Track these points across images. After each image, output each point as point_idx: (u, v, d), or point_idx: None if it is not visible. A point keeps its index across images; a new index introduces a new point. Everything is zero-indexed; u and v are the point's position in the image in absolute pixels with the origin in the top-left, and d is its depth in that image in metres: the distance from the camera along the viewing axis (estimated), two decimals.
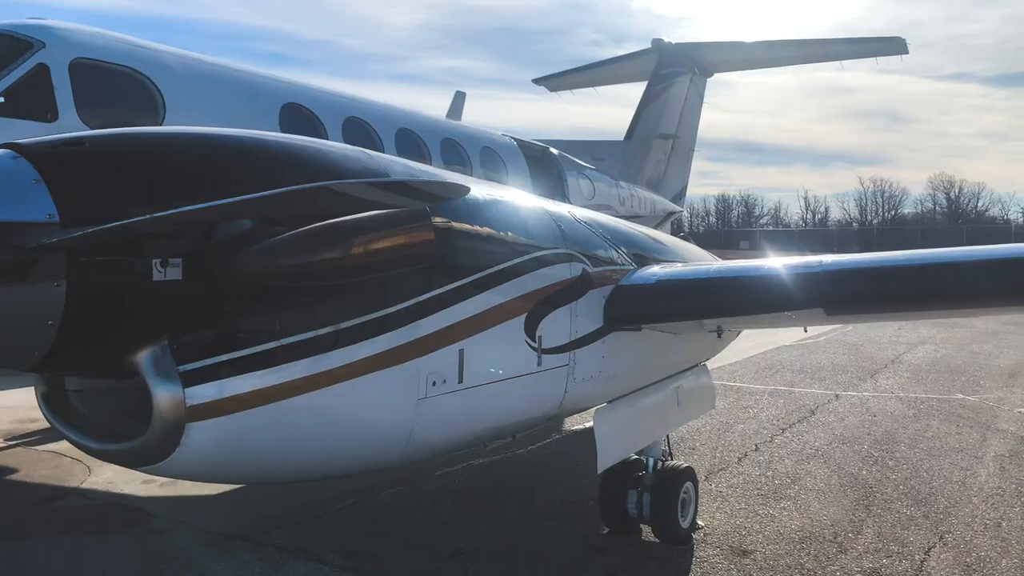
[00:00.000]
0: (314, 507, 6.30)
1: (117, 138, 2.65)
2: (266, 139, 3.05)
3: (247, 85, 6.82)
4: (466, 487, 6.98)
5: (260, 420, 2.74)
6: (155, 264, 2.44)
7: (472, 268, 3.52)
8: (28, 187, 2.27)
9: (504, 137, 10.87)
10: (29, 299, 2.24)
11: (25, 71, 5.12)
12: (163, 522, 6.14)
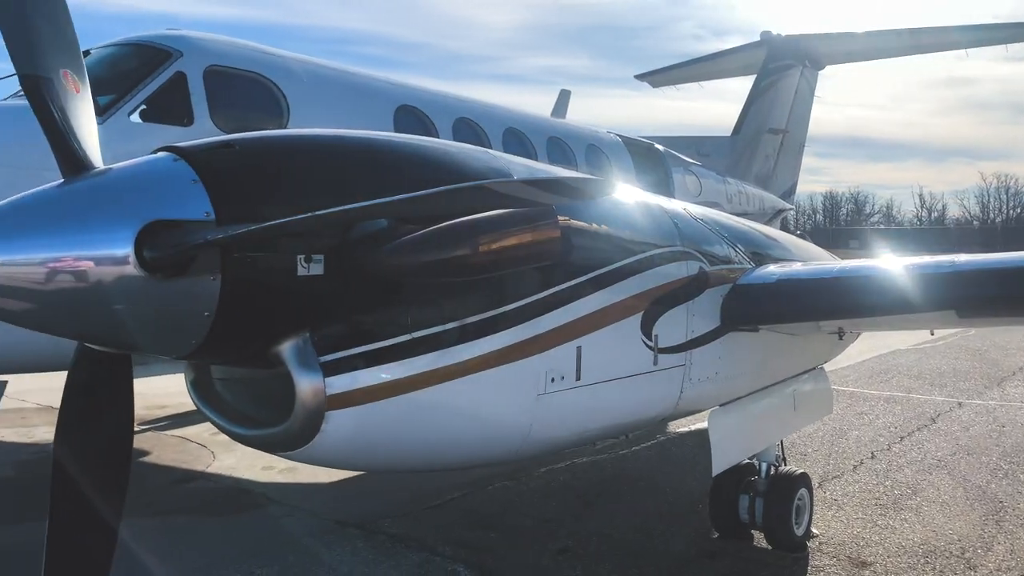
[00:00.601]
0: (424, 499, 6.46)
1: (263, 141, 2.80)
2: (397, 141, 3.15)
3: (364, 88, 7.05)
4: (571, 485, 7.00)
5: (390, 411, 2.84)
6: (299, 260, 2.57)
7: (590, 266, 3.53)
8: (187, 187, 2.43)
9: (609, 134, 10.82)
10: (188, 292, 2.40)
11: (165, 79, 5.46)
12: (281, 508, 6.43)
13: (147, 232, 2.31)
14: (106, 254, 2.27)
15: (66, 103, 2.69)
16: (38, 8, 2.83)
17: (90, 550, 2.74)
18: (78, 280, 2.26)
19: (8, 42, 2.74)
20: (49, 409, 9.89)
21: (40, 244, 2.24)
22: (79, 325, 2.40)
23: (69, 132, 2.61)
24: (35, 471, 7.52)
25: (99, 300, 2.30)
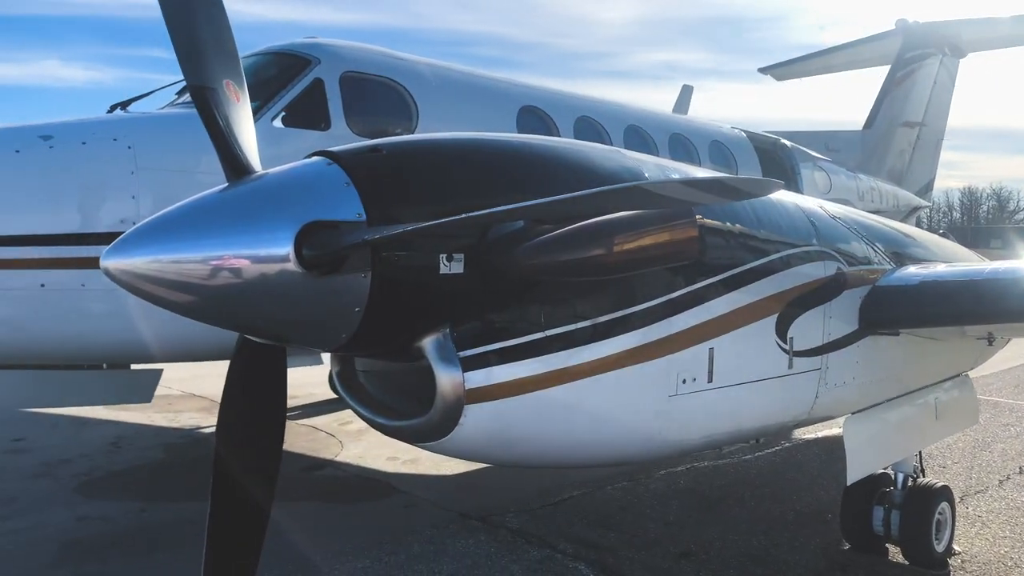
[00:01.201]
0: (544, 495, 6.52)
1: (408, 145, 2.92)
2: (533, 143, 3.21)
3: (487, 90, 7.18)
4: (692, 489, 6.89)
5: (523, 407, 2.90)
6: (442, 259, 2.66)
7: (725, 265, 3.47)
8: (341, 190, 2.57)
9: (733, 130, 10.56)
10: (340, 288, 2.53)
11: (304, 86, 5.76)
12: (406, 497, 6.64)
13: (305, 232, 2.46)
14: (268, 253, 2.43)
15: (229, 111, 2.89)
16: (204, 23, 3.05)
17: (246, 529, 2.94)
18: (242, 277, 2.43)
19: (179, 55, 2.97)
20: (191, 396, 10.60)
21: (208, 243, 2.42)
22: (241, 318, 2.58)
23: (232, 139, 2.81)
24: (183, 453, 8.10)
25: (261, 295, 2.47)
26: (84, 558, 5.27)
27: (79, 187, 4.82)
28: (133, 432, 8.79)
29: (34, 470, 7.32)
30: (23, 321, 4.63)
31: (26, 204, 4.63)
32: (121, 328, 4.94)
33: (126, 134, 5.00)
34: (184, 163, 5.20)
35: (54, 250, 4.66)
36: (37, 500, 6.48)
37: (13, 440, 8.35)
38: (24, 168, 4.65)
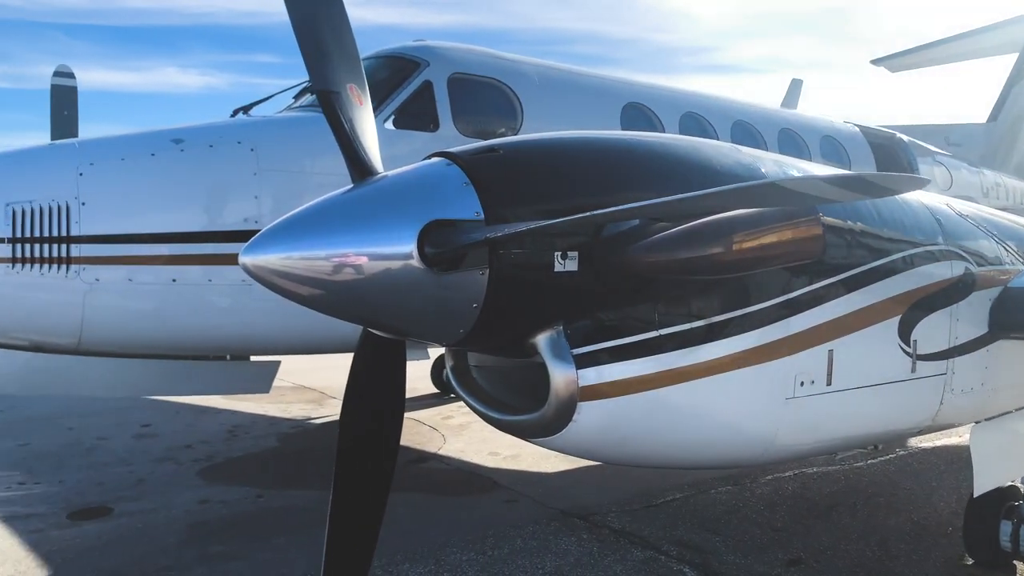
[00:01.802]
0: (646, 496, 6.47)
1: (524, 144, 2.97)
2: (648, 139, 3.20)
3: (591, 87, 7.18)
4: (800, 495, 6.68)
5: (637, 405, 2.89)
6: (557, 257, 2.69)
7: (845, 265, 3.36)
8: (460, 189, 2.63)
9: (846, 124, 10.15)
10: (459, 285, 2.60)
11: (415, 88, 5.92)
12: (508, 493, 6.72)
13: (426, 231, 2.54)
14: (392, 250, 2.52)
15: (353, 115, 3.01)
16: (328, 29, 3.18)
17: (364, 516, 3.05)
18: (367, 273, 2.53)
19: (306, 61, 3.11)
20: (302, 388, 11.04)
21: (336, 241, 2.53)
22: (365, 312, 2.68)
23: (356, 141, 2.92)
24: (294, 443, 8.45)
25: (384, 291, 2.57)
26: (208, 539, 5.58)
27: (207, 188, 5.11)
28: (248, 421, 9.23)
29: (160, 454, 7.80)
30: (155, 314, 4.95)
31: (160, 204, 4.94)
32: (244, 322, 5.21)
33: (249, 137, 5.26)
34: (301, 164, 5.43)
35: (184, 247, 4.96)
36: (163, 483, 6.90)
37: (141, 426, 8.93)
38: (159, 170, 4.97)
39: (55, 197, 4.62)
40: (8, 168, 4.77)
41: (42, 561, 5.21)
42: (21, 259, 4.53)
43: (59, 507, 6.24)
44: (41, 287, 4.61)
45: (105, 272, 4.73)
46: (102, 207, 4.74)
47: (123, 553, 5.34)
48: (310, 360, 6.39)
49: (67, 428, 8.75)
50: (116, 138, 5.12)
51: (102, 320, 4.79)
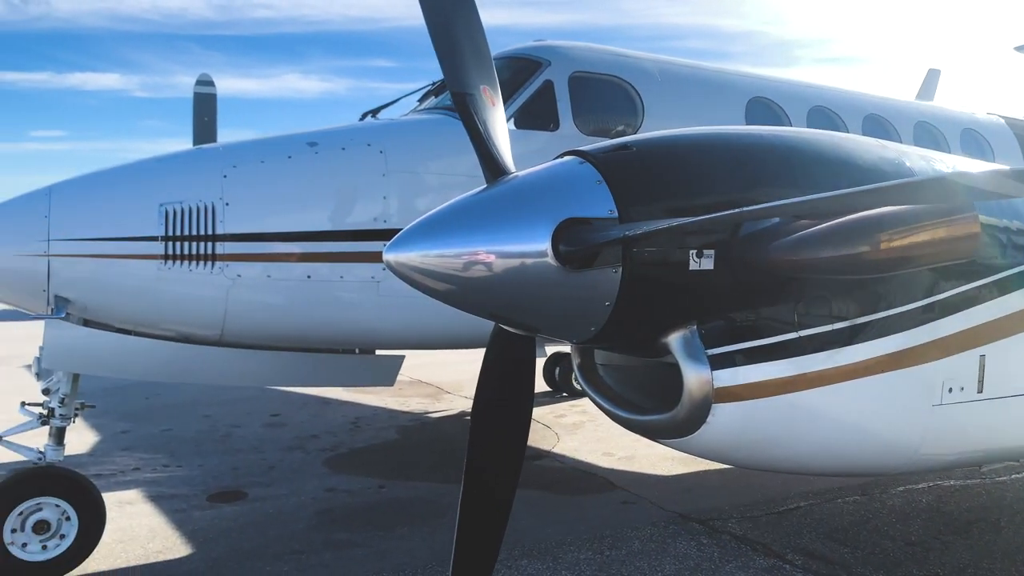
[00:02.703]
0: (769, 503, 6.28)
1: (656, 141, 2.94)
2: (786, 135, 3.11)
3: (713, 82, 7.03)
4: (936, 508, 6.30)
5: (773, 409, 2.81)
6: (692, 255, 2.65)
7: (999, 265, 3.15)
8: (594, 188, 2.64)
9: (990, 116, 9.50)
10: (593, 282, 2.61)
11: (536, 88, 5.97)
12: (624, 494, 6.66)
13: (561, 229, 2.56)
14: (527, 248, 2.56)
15: (486, 116, 3.07)
16: (463, 31, 3.26)
17: (493, 509, 3.11)
18: (503, 270, 2.58)
19: (442, 64, 3.20)
20: (419, 383, 11.33)
21: (473, 240, 2.59)
22: (500, 309, 2.73)
23: (490, 142, 2.98)
24: (414, 436, 8.69)
25: (519, 288, 2.60)
26: (334, 526, 5.82)
27: (339, 189, 5.32)
28: (370, 414, 9.56)
29: (288, 443, 8.19)
30: (291, 308, 5.20)
31: (296, 204, 5.19)
32: (371, 317, 5.40)
33: (378, 139, 5.44)
34: (427, 165, 5.58)
35: (317, 245, 5.19)
36: (292, 470, 7.25)
37: (271, 415, 9.40)
38: (295, 172, 5.21)
39: (202, 198, 4.93)
40: (160, 171, 5.13)
41: (187, 539, 5.57)
42: (172, 256, 4.86)
43: (199, 489, 6.66)
44: (189, 282, 4.92)
45: (246, 269, 5.00)
46: (244, 207, 5.02)
47: (257, 535, 5.64)
48: (426, 356, 6.54)
49: (203, 415, 9.33)
50: (256, 142, 5.41)
51: (242, 313, 5.08)
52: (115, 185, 5.02)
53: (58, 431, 4.98)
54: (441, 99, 6.33)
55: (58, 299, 4.74)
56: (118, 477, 6.87)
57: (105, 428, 8.54)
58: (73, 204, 4.81)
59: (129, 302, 4.93)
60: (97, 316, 4.91)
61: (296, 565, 5.11)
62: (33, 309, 4.88)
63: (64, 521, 4.86)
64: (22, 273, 4.66)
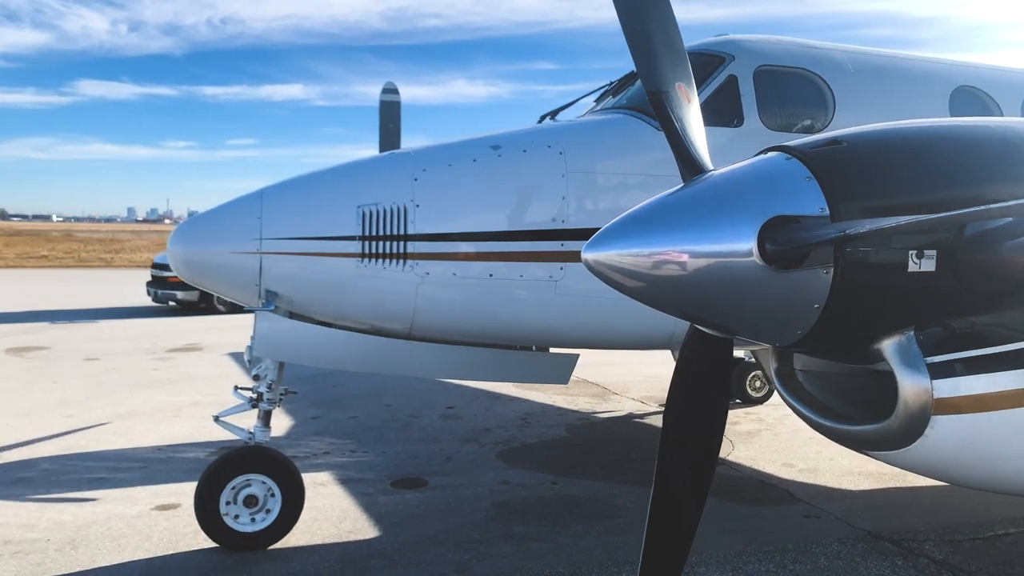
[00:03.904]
0: (972, 527, 5.78)
1: (871, 135, 2.77)
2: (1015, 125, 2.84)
3: (912, 72, 6.53)
4: None
5: (1000, 424, 2.58)
6: (911, 255, 2.49)
7: None
8: (802, 184, 2.53)
9: None
10: (801, 284, 2.50)
11: (719, 83, 5.81)
12: (806, 508, 6.35)
13: (767, 227, 2.47)
14: (732, 248, 2.49)
15: (682, 113, 3.03)
16: (657, 29, 3.23)
17: (684, 510, 3.06)
18: (705, 270, 2.53)
19: (637, 63, 3.19)
20: (585, 382, 11.36)
21: (674, 239, 2.55)
22: (700, 309, 2.68)
23: (687, 139, 2.93)
24: (583, 435, 8.73)
25: (722, 288, 2.54)
26: (511, 519, 5.96)
27: (520, 190, 5.44)
28: (539, 410, 9.71)
29: (464, 435, 8.48)
30: (473, 305, 5.38)
31: (481, 205, 5.36)
32: (549, 315, 5.48)
33: (557, 141, 5.52)
34: (605, 165, 5.59)
35: (500, 245, 5.34)
36: (468, 461, 7.49)
37: (446, 407, 9.77)
38: (479, 174, 5.39)
39: (395, 200, 5.21)
40: (358, 175, 5.47)
41: (374, 521, 5.91)
42: (367, 254, 5.17)
43: (383, 475, 7.04)
44: (382, 279, 5.22)
45: (434, 267, 5.23)
46: (433, 208, 5.25)
47: (439, 523, 5.88)
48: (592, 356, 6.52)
49: (385, 405, 9.85)
50: (443, 146, 5.64)
51: (430, 309, 5.32)
52: (318, 188, 5.41)
53: (265, 414, 5.43)
54: (619, 99, 6.32)
55: (268, 293, 5.17)
56: (311, 459, 7.40)
57: (298, 414, 9.22)
58: (281, 206, 5.23)
59: (329, 297, 5.30)
60: (301, 309, 5.31)
61: (476, 554, 5.28)
62: (245, 302, 5.35)
63: (270, 497, 5.30)
64: (238, 269, 5.12)
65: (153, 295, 20.84)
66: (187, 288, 19.00)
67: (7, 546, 5.34)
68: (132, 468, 7.16)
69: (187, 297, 19.94)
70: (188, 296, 19.90)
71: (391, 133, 9.88)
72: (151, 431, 8.50)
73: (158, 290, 20.63)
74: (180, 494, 6.32)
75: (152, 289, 20.89)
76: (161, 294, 20.46)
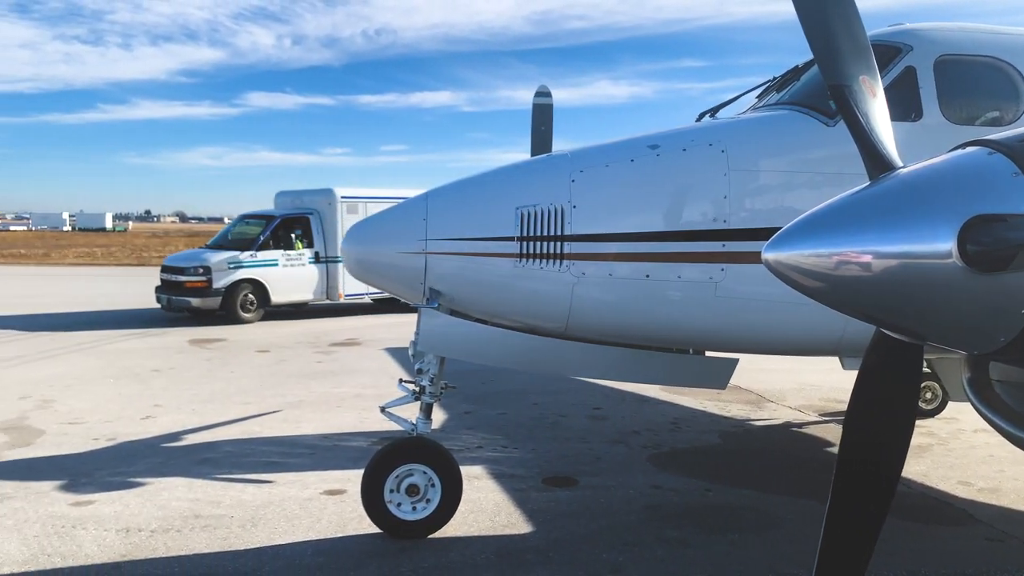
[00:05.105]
0: None
1: None
2: None
3: None
4: None
5: None
6: None
7: None
8: (1009, 181, 2.35)
9: None
10: (1007, 288, 2.32)
11: (895, 76, 5.47)
12: (988, 530, 5.88)
13: (968, 227, 2.31)
14: (928, 248, 2.34)
15: (867, 108, 2.88)
16: (838, 21, 3.10)
17: (864, 521, 2.91)
18: (897, 272, 2.39)
19: (816, 56, 3.07)
20: (738, 388, 11.01)
21: (863, 238, 2.43)
22: (889, 314, 2.54)
23: (873, 135, 2.79)
24: (738, 442, 8.47)
25: (915, 291, 2.40)
26: (664, 523, 5.88)
27: (680, 189, 5.36)
28: (689, 415, 9.52)
29: (612, 436, 8.46)
30: (630, 305, 5.35)
31: (638, 205, 5.33)
32: (708, 317, 5.36)
33: (719, 139, 5.39)
34: (770, 163, 5.41)
35: (657, 245, 5.28)
36: (618, 463, 7.47)
37: (593, 408, 9.78)
38: (637, 174, 5.36)
39: (553, 201, 5.27)
40: (517, 177, 5.58)
41: (527, 517, 6.01)
42: (525, 254, 5.26)
43: (535, 472, 7.14)
44: (539, 279, 5.29)
45: (590, 267, 5.25)
46: (589, 209, 5.27)
47: (591, 522, 5.90)
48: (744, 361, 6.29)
49: (533, 403, 9.98)
50: (600, 147, 5.65)
51: (585, 309, 5.34)
52: (478, 191, 5.57)
53: (427, 407, 5.65)
54: (783, 94, 6.09)
55: (432, 291, 5.38)
56: (465, 453, 7.62)
57: (452, 408, 9.52)
58: (445, 208, 5.43)
59: (488, 295, 5.44)
60: (461, 307, 5.49)
61: (631, 556, 5.26)
62: (410, 300, 5.60)
63: (430, 487, 5.51)
64: (405, 268, 5.36)
65: (164, 303, 18.15)
66: (204, 294, 17.64)
67: (198, 520, 5.86)
68: (302, 454, 7.65)
69: (204, 305, 17.69)
70: (206, 303, 17.68)
71: (543, 135, 9.99)
72: (317, 419, 9.05)
73: (170, 296, 18.03)
74: (346, 480, 6.69)
75: (163, 295, 18.21)
76: (174, 301, 17.93)
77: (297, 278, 18.94)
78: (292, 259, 18.85)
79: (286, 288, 18.75)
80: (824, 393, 10.86)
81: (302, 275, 19.01)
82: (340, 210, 19.44)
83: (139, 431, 8.49)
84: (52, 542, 5.41)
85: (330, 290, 19.42)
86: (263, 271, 18.39)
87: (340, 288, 19.27)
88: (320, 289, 19.30)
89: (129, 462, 7.33)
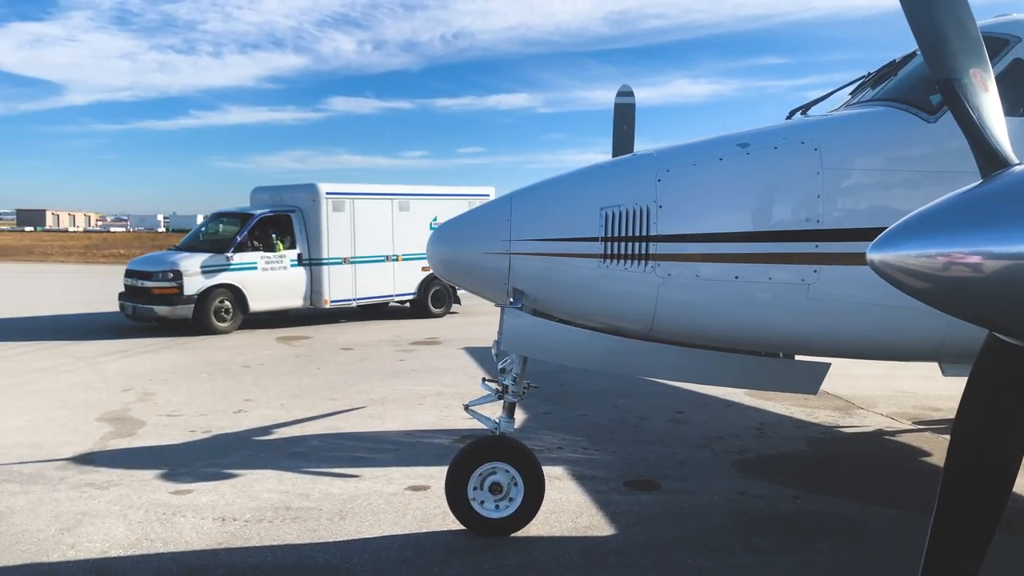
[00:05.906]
0: None
1: None
2: None
3: None
4: None
5: None
6: None
7: None
8: None
9: None
10: None
11: (1001, 69, 5.19)
12: None
13: None
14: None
15: (979, 102, 2.75)
16: (946, 13, 2.97)
17: (973, 532, 2.78)
18: (1014, 273, 2.28)
19: (923, 50, 2.95)
20: (826, 394, 10.67)
21: (979, 238, 2.32)
22: (1004, 317, 2.42)
23: (986, 131, 2.66)
24: (824, 449, 8.21)
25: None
26: (751, 530, 5.75)
27: (770, 188, 5.24)
28: (774, 421, 9.28)
29: (696, 441, 8.32)
30: (717, 307, 5.25)
31: (726, 205, 5.23)
32: (799, 320, 5.22)
33: (812, 137, 5.23)
34: (865, 161, 5.22)
35: (746, 246, 5.16)
36: (702, 468, 7.34)
37: (675, 412, 9.64)
38: (725, 173, 5.26)
39: (638, 201, 5.22)
40: (601, 178, 5.55)
41: (609, 519, 5.97)
42: (609, 255, 5.23)
43: (616, 474, 7.09)
44: (623, 280, 5.25)
45: (676, 268, 5.18)
46: (676, 209, 5.20)
47: (674, 526, 5.82)
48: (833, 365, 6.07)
49: (613, 405, 9.91)
50: (687, 146, 5.56)
51: (671, 310, 5.27)
52: (562, 191, 5.56)
53: (510, 406, 5.68)
54: (878, 90, 5.87)
55: (515, 291, 5.40)
56: (545, 454, 7.63)
57: (531, 409, 9.54)
58: (528, 209, 5.44)
59: (571, 296, 5.43)
60: (544, 307, 5.49)
61: (716, 561, 5.17)
62: (494, 300, 5.64)
63: (513, 486, 5.54)
64: (489, 269, 5.39)
65: (129, 311, 16.31)
66: (174, 302, 15.72)
67: (288, 512, 6.05)
68: (386, 450, 7.81)
69: (174, 314, 15.77)
70: (176, 312, 15.76)
71: (625, 135, 9.92)
72: (400, 416, 9.22)
73: (136, 304, 16.12)
74: (429, 477, 6.80)
75: (127, 303, 16.37)
76: (140, 310, 16.05)
77: (278, 283, 16.89)
78: (272, 262, 16.84)
79: (266, 294, 16.75)
80: (918, 401, 10.42)
81: (284, 279, 16.96)
82: (325, 207, 17.38)
83: (232, 424, 8.83)
84: (155, 528, 5.69)
85: (315, 296, 17.35)
86: (240, 275, 16.42)
87: (325, 293, 17.33)
88: (304, 295, 17.31)
89: (223, 453, 7.63)
